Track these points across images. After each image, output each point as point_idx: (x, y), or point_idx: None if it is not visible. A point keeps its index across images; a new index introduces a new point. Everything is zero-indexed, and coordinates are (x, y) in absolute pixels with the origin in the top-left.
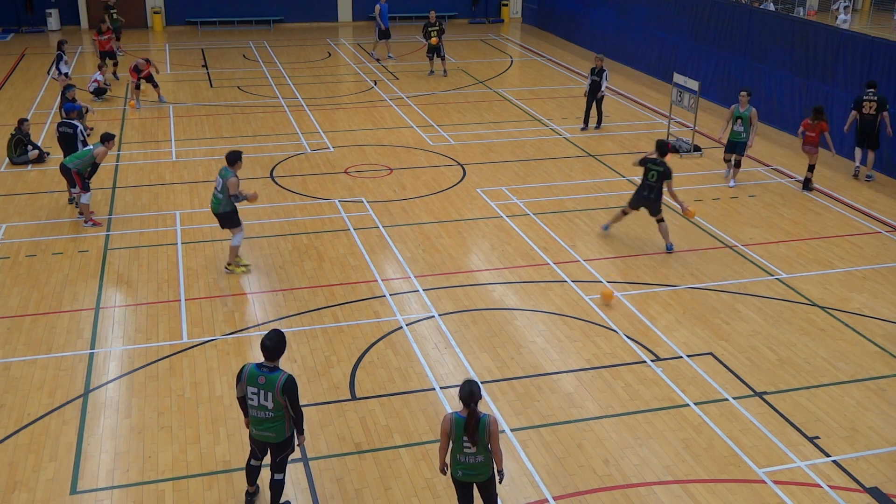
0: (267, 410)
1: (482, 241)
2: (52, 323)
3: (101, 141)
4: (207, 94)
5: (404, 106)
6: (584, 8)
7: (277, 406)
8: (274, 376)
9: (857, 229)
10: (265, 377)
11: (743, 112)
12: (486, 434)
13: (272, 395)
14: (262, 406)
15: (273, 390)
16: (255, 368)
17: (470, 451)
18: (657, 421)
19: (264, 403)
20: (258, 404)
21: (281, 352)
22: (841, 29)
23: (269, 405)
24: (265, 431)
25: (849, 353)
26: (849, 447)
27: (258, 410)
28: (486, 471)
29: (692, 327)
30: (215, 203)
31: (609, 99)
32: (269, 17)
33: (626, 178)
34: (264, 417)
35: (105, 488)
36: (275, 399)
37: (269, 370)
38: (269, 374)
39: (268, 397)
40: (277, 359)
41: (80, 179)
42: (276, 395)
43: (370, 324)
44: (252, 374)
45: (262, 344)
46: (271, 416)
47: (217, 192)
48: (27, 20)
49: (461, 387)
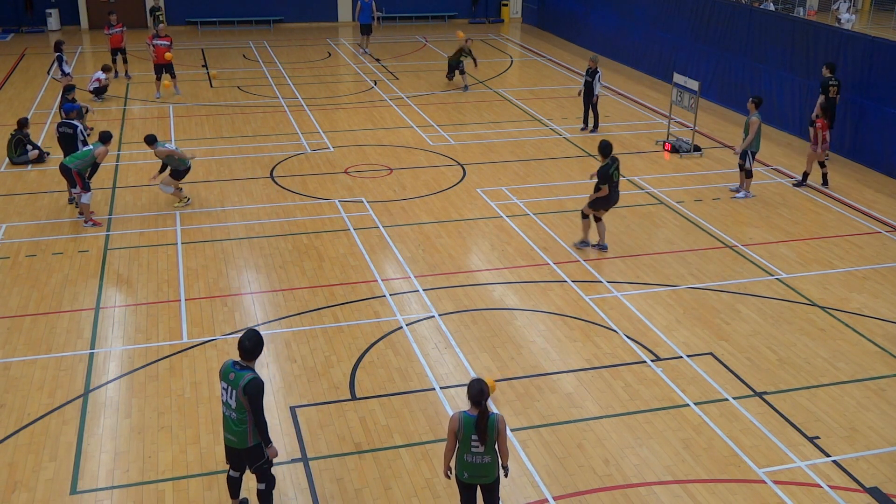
0: (231, 409)
1: (482, 241)
2: (52, 323)
3: (101, 140)
4: (207, 94)
5: (404, 106)
6: (584, 8)
7: (240, 406)
8: (241, 374)
9: (857, 229)
10: (235, 374)
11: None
12: (495, 432)
13: (236, 393)
14: (227, 404)
15: (237, 388)
16: (230, 364)
17: (478, 450)
18: (657, 421)
19: (229, 401)
20: (225, 401)
21: (257, 353)
22: (841, 29)
23: (233, 404)
24: (229, 434)
25: (849, 353)
26: (849, 447)
27: (225, 408)
28: (492, 472)
29: (692, 327)
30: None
31: (609, 99)
32: (269, 17)
33: (626, 178)
34: (228, 417)
35: (105, 488)
36: (237, 398)
37: (240, 368)
38: (238, 371)
39: (232, 395)
40: (253, 360)
41: (80, 179)
42: (239, 394)
43: (370, 324)
44: (226, 370)
45: (240, 343)
46: (234, 417)
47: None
48: (27, 20)
49: (470, 385)
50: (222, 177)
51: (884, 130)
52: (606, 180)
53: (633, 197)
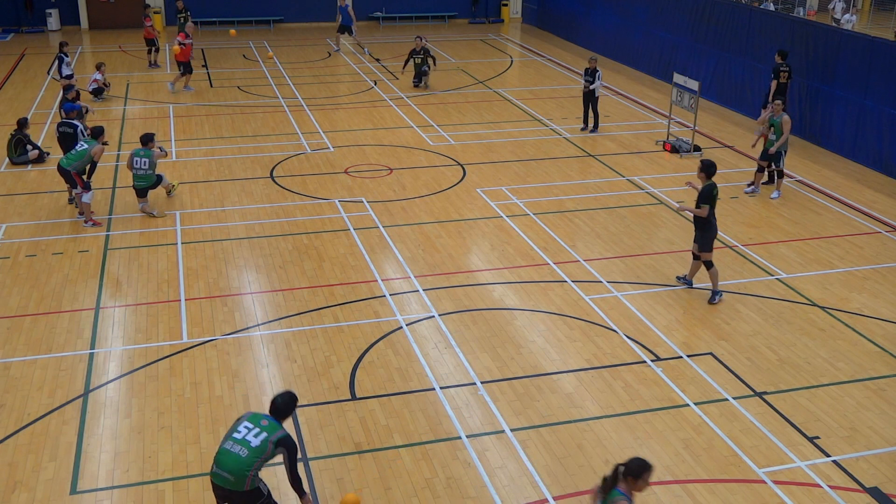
0: (247, 448)
1: (482, 241)
2: (52, 323)
3: (93, 137)
4: (207, 95)
5: (404, 106)
6: (584, 8)
7: (259, 451)
8: (277, 425)
9: (857, 229)
10: (269, 422)
11: (776, 119)
12: None
13: (267, 436)
14: (244, 441)
15: (271, 435)
16: (261, 414)
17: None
18: (657, 421)
19: (249, 439)
20: (242, 438)
21: (288, 414)
22: (841, 29)
23: (254, 444)
24: (226, 472)
25: (849, 353)
26: (849, 447)
27: (238, 445)
28: None
29: (692, 327)
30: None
31: (609, 99)
32: (269, 17)
33: (625, 177)
34: (237, 454)
35: (105, 488)
36: (264, 443)
37: (276, 420)
38: (274, 422)
39: (259, 437)
40: (282, 420)
41: (79, 179)
42: (269, 441)
43: (370, 324)
44: (256, 416)
45: (273, 401)
46: (244, 455)
47: (144, 170)
48: (27, 20)
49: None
50: (222, 177)
51: (884, 130)
52: (709, 201)
53: (633, 197)
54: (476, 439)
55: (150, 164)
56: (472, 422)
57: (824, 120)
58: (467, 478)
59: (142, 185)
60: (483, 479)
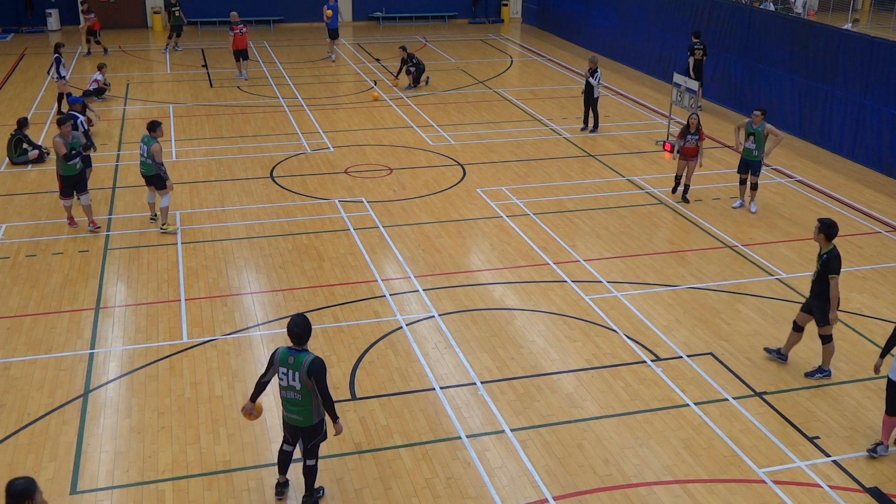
0: (294, 391)
1: (482, 241)
2: (52, 323)
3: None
4: (207, 94)
5: (404, 106)
6: (584, 8)
7: (304, 388)
8: (301, 356)
9: (857, 229)
10: (294, 357)
11: (756, 128)
12: None
13: (298, 374)
14: (291, 386)
15: (300, 370)
16: (286, 350)
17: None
18: (657, 421)
19: (293, 384)
20: (287, 384)
21: (308, 336)
22: (841, 29)
23: (297, 385)
24: (293, 414)
25: (849, 353)
26: (849, 447)
27: (287, 391)
28: None
29: (692, 327)
30: (146, 168)
31: (609, 99)
32: (269, 17)
33: (625, 177)
34: (292, 399)
35: (105, 488)
36: (301, 380)
37: (297, 351)
38: (297, 353)
39: (295, 377)
40: (304, 343)
41: (60, 182)
42: (303, 376)
43: (370, 324)
44: (283, 355)
45: (289, 329)
46: (298, 398)
47: (144, 158)
48: (27, 20)
49: None
50: (222, 177)
51: (884, 130)
52: (838, 271)
53: (633, 197)
54: (476, 439)
55: (149, 152)
56: (472, 422)
57: (824, 120)
58: (467, 478)
59: (143, 172)
60: (483, 479)
